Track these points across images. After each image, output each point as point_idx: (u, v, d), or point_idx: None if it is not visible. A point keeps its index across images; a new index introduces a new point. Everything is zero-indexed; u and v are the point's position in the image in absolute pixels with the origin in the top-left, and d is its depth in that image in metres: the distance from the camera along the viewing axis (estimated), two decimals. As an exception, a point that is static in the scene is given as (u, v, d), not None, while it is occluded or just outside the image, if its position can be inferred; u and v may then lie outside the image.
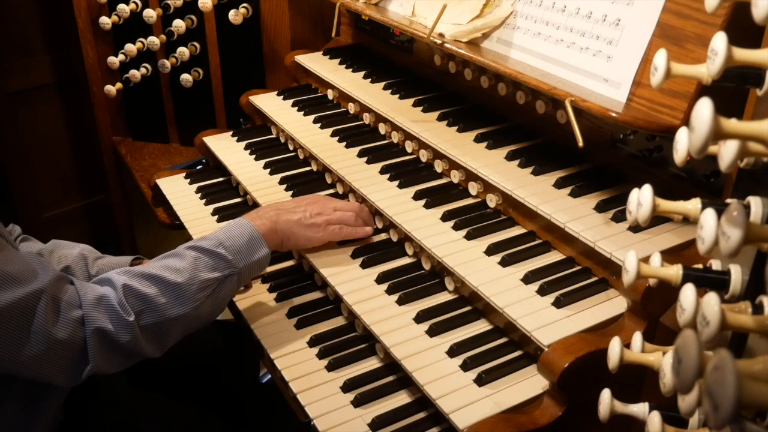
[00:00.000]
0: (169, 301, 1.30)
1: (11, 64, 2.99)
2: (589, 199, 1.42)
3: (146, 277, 1.31)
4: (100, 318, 1.23)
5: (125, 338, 1.25)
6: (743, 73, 0.77)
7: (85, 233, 3.39)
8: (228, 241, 1.41)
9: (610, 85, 1.36)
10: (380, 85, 2.00)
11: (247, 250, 1.42)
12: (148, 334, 1.29)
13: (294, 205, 1.57)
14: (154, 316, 1.29)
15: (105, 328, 1.23)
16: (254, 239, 1.44)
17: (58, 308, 1.19)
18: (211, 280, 1.36)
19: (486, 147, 1.64)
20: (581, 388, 1.12)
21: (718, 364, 0.57)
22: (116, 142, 2.72)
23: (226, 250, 1.39)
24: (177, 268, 1.34)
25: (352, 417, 1.29)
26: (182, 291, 1.32)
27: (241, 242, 1.42)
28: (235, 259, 1.40)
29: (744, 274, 0.79)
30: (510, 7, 1.58)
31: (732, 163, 0.69)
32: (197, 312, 1.34)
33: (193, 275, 1.33)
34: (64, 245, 1.59)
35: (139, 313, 1.27)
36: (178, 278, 1.32)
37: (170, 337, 1.34)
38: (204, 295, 1.34)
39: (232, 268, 1.39)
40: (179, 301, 1.31)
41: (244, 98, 2.22)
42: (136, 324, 1.26)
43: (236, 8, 2.33)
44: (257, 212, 1.53)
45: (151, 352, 1.32)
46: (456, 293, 1.47)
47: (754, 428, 0.66)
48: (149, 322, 1.28)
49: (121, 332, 1.25)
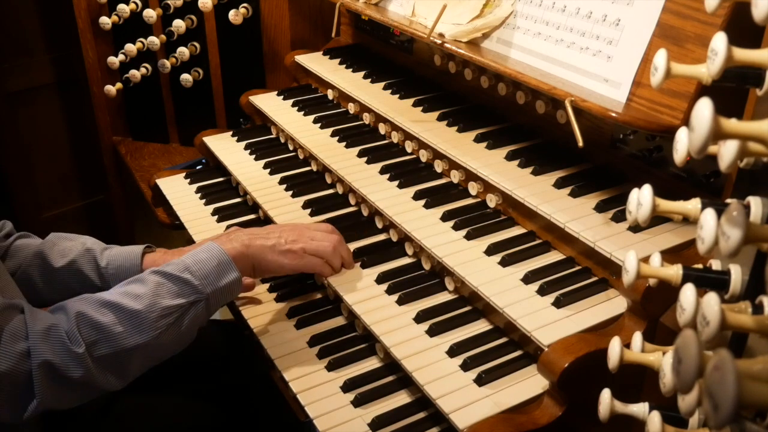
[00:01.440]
0: (126, 329, 1.22)
1: (11, 64, 2.99)
2: (589, 199, 1.42)
3: (103, 304, 1.24)
4: (47, 351, 1.16)
5: (76, 372, 1.18)
6: (743, 73, 0.77)
7: (84, 233, 3.34)
8: (195, 266, 1.32)
9: (610, 85, 1.36)
10: (380, 85, 2.01)
11: (216, 275, 1.33)
12: (104, 366, 1.22)
13: (269, 231, 1.49)
14: (110, 346, 1.21)
15: (52, 361, 1.15)
16: (223, 263, 1.35)
17: (1, 339, 1.13)
18: (174, 307, 1.27)
19: (486, 147, 1.64)
20: (581, 388, 1.11)
21: (718, 364, 0.57)
22: (116, 142, 2.72)
23: (192, 275, 1.31)
24: (137, 294, 1.26)
25: (352, 417, 1.29)
26: (141, 319, 1.24)
27: (208, 267, 1.33)
28: (202, 284, 1.31)
29: (744, 274, 0.79)
30: (510, 7, 1.58)
31: (732, 163, 0.69)
32: (159, 341, 1.26)
33: (153, 302, 1.25)
34: (66, 237, 1.55)
35: (93, 343, 1.20)
36: (136, 305, 1.24)
37: (130, 368, 1.26)
38: (166, 322, 1.26)
39: (198, 294, 1.31)
40: (137, 330, 1.23)
41: (244, 98, 2.22)
42: (88, 355, 1.18)
43: (236, 8, 2.33)
44: (227, 235, 1.46)
45: (110, 384, 1.25)
46: (456, 293, 1.47)
47: (754, 428, 0.66)
48: (104, 352, 1.21)
49: (70, 365, 1.17)
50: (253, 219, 1.87)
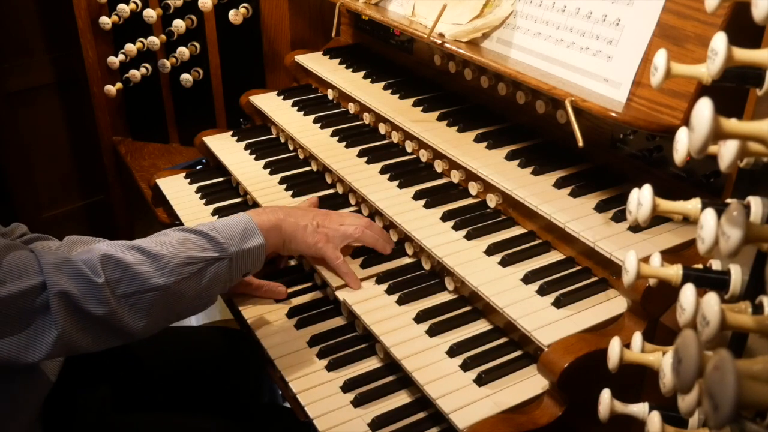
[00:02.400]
0: (149, 270, 1.25)
1: (11, 64, 2.99)
2: (589, 199, 1.42)
3: (130, 246, 1.27)
4: (63, 281, 1.16)
5: (94, 304, 1.19)
6: (743, 73, 0.77)
7: (84, 233, 3.33)
8: (222, 228, 1.38)
9: (610, 85, 1.36)
10: (380, 85, 2.01)
11: (241, 237, 1.38)
12: (127, 304, 1.23)
13: (304, 211, 1.55)
14: (131, 284, 1.23)
15: (69, 292, 1.16)
16: (249, 229, 1.40)
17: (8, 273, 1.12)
18: (198, 258, 1.32)
19: (486, 147, 1.64)
20: (581, 388, 1.11)
21: (718, 364, 0.57)
22: (116, 142, 2.72)
23: (218, 233, 1.36)
24: (163, 242, 1.30)
25: (352, 417, 1.29)
26: (165, 262, 1.27)
27: (235, 230, 1.39)
28: (227, 243, 1.36)
29: (744, 274, 0.79)
30: (510, 7, 1.58)
31: (732, 163, 0.69)
32: (179, 287, 1.28)
33: (178, 250, 1.30)
34: (81, 241, 1.52)
35: (117, 280, 1.22)
36: (162, 250, 1.28)
37: (152, 311, 1.27)
38: (188, 270, 1.29)
39: (222, 251, 1.35)
40: (160, 272, 1.26)
41: (244, 98, 2.22)
42: (109, 289, 1.20)
43: (236, 8, 2.33)
44: (263, 209, 1.52)
45: (133, 326, 1.25)
46: (456, 293, 1.47)
47: (754, 428, 0.66)
48: (127, 290, 1.23)
49: (88, 297, 1.18)
50: (253, 219, 1.87)
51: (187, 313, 1.38)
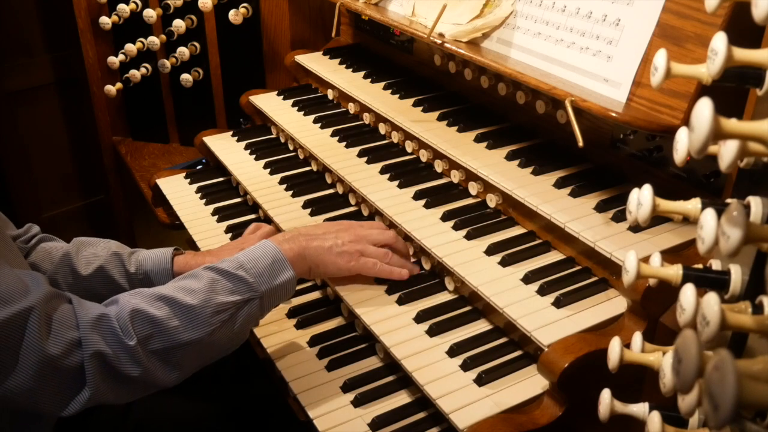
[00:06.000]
0: (181, 324, 1.21)
1: (11, 64, 2.99)
2: (589, 199, 1.42)
3: (158, 298, 1.23)
4: (98, 341, 1.15)
5: (127, 365, 1.17)
6: (743, 73, 0.77)
7: (85, 233, 3.34)
8: (249, 264, 1.31)
9: (610, 84, 1.36)
10: (380, 85, 2.01)
11: (269, 273, 1.31)
12: (159, 360, 1.21)
13: (325, 231, 1.46)
14: (163, 341, 1.20)
15: (104, 352, 1.15)
16: (278, 261, 1.33)
17: (50, 327, 1.11)
18: (228, 303, 1.26)
19: (486, 147, 1.64)
20: (581, 388, 1.11)
21: (718, 364, 0.57)
22: (116, 142, 2.72)
23: (246, 273, 1.29)
24: (192, 290, 1.25)
25: (352, 417, 1.29)
26: (196, 314, 1.23)
27: (263, 264, 1.32)
28: (256, 282, 1.29)
29: (744, 274, 0.79)
30: (510, 7, 1.58)
31: (732, 163, 0.69)
32: (212, 338, 1.25)
33: (208, 297, 1.24)
34: (89, 243, 1.53)
35: (148, 337, 1.19)
36: (192, 300, 1.23)
37: (184, 364, 1.25)
38: (219, 319, 1.25)
39: (252, 291, 1.29)
40: (192, 325, 1.22)
41: (244, 98, 2.22)
42: (141, 349, 1.17)
43: (236, 8, 2.33)
44: (284, 236, 1.43)
45: (166, 380, 1.23)
46: (456, 293, 1.47)
47: (754, 428, 0.66)
48: (159, 347, 1.20)
49: (122, 358, 1.16)
50: (253, 219, 1.87)
51: (220, 356, 1.33)
